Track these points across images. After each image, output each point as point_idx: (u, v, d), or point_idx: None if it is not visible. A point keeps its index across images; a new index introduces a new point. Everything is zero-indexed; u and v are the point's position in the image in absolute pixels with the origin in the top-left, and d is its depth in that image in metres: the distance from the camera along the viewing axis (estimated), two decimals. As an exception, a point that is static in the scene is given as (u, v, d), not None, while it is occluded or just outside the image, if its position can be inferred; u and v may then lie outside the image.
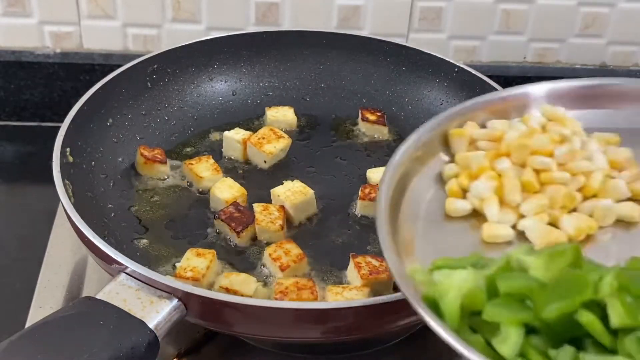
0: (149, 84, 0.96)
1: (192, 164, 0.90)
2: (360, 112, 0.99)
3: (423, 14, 1.12)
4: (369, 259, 0.75)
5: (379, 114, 0.99)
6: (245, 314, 0.65)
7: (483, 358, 0.47)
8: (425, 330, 0.79)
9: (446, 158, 0.68)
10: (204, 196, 0.88)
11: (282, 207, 0.83)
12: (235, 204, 0.84)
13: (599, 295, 0.47)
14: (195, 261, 0.76)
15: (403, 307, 0.66)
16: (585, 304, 0.47)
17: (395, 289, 0.75)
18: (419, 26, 1.13)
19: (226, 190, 0.86)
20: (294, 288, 0.73)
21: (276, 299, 0.71)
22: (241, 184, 0.88)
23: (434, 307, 0.51)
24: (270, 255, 0.77)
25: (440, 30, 1.14)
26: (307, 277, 0.75)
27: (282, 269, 0.75)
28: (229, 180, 0.87)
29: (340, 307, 0.65)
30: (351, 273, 0.76)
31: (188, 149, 0.96)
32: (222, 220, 0.82)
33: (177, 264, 0.77)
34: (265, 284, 0.76)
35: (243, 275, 0.74)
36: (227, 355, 0.77)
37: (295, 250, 0.77)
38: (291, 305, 0.66)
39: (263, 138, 0.92)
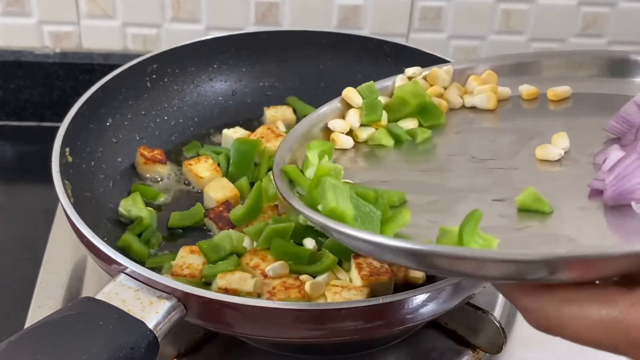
0: (148, 83, 0.96)
1: (191, 164, 0.90)
2: None
3: (423, 13, 1.12)
4: (370, 259, 0.75)
5: None
6: (245, 314, 0.65)
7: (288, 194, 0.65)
8: (425, 330, 0.79)
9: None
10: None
11: (276, 206, 0.83)
12: (226, 203, 0.84)
13: None
14: (191, 258, 0.76)
15: (403, 308, 0.66)
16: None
17: (395, 290, 0.75)
18: (419, 26, 1.13)
19: (219, 190, 0.85)
20: (282, 288, 0.73)
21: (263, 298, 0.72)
22: (240, 184, 0.87)
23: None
24: (247, 264, 0.76)
25: (441, 30, 1.14)
26: (294, 277, 0.75)
27: (265, 275, 0.75)
28: (224, 181, 0.87)
29: (340, 308, 0.65)
30: (352, 273, 0.75)
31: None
32: (210, 219, 0.82)
33: (173, 263, 0.77)
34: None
35: (238, 273, 0.74)
36: (227, 356, 0.77)
37: (269, 255, 0.77)
38: (291, 306, 0.66)
39: (262, 137, 0.92)
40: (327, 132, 0.77)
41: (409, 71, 0.80)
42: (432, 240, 0.58)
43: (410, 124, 0.77)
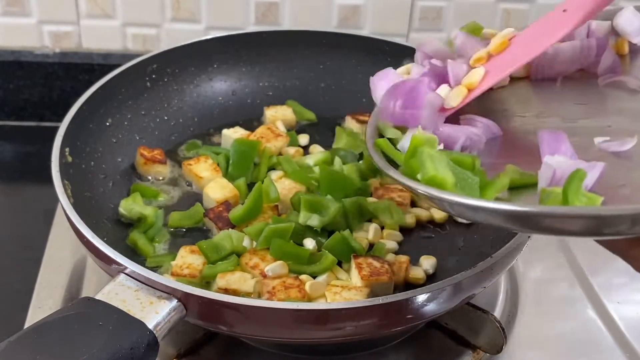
0: (148, 83, 0.96)
1: (191, 164, 0.90)
2: (349, 118, 0.99)
3: (423, 13, 1.12)
4: (370, 259, 0.75)
5: (368, 115, 0.98)
6: (245, 315, 0.65)
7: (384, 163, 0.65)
8: (425, 330, 0.79)
9: None
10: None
11: (276, 206, 0.83)
12: (226, 203, 0.84)
13: None
14: (191, 258, 0.76)
15: (403, 308, 0.66)
16: None
17: (396, 290, 0.75)
18: (420, 25, 1.13)
19: (219, 190, 0.85)
20: (282, 287, 0.73)
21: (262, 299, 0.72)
22: (240, 183, 0.87)
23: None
24: (247, 264, 0.76)
25: (441, 29, 1.14)
26: (293, 276, 0.75)
27: (264, 275, 0.75)
28: (223, 181, 0.87)
29: (340, 308, 0.65)
30: (352, 273, 0.75)
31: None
32: (209, 219, 0.82)
33: (173, 263, 0.77)
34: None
35: (238, 273, 0.74)
36: (227, 356, 0.77)
37: (269, 255, 0.77)
38: (291, 306, 0.66)
39: (261, 137, 0.92)
40: None
41: (487, 32, 0.78)
42: (536, 202, 0.58)
43: None
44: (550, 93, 0.75)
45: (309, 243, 0.79)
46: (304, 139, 0.97)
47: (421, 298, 0.66)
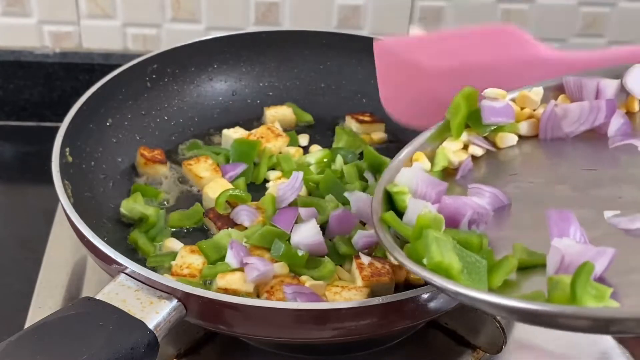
0: (148, 83, 0.96)
1: (191, 164, 0.90)
2: (349, 118, 0.99)
3: (423, 13, 1.12)
4: (371, 260, 0.75)
5: (368, 115, 0.99)
6: (245, 315, 0.65)
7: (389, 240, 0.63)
8: (425, 330, 0.79)
9: None
10: (204, 196, 0.88)
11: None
12: (225, 203, 0.84)
13: None
14: (191, 258, 0.77)
15: (403, 308, 0.66)
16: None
17: (396, 290, 0.75)
18: (420, 26, 1.13)
19: (218, 191, 0.85)
20: (280, 287, 0.73)
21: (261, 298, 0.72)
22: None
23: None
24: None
25: (441, 29, 1.14)
26: (292, 275, 0.75)
27: None
28: (222, 181, 0.87)
29: (340, 308, 0.65)
30: (353, 273, 0.75)
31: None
32: (209, 219, 0.82)
33: (173, 263, 0.77)
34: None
35: (238, 273, 0.74)
36: (227, 356, 0.77)
37: (267, 254, 0.77)
38: (291, 306, 0.66)
39: (261, 137, 0.92)
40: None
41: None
42: (543, 294, 0.56)
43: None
44: (560, 156, 0.72)
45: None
46: (304, 139, 0.97)
47: (421, 298, 0.66)
